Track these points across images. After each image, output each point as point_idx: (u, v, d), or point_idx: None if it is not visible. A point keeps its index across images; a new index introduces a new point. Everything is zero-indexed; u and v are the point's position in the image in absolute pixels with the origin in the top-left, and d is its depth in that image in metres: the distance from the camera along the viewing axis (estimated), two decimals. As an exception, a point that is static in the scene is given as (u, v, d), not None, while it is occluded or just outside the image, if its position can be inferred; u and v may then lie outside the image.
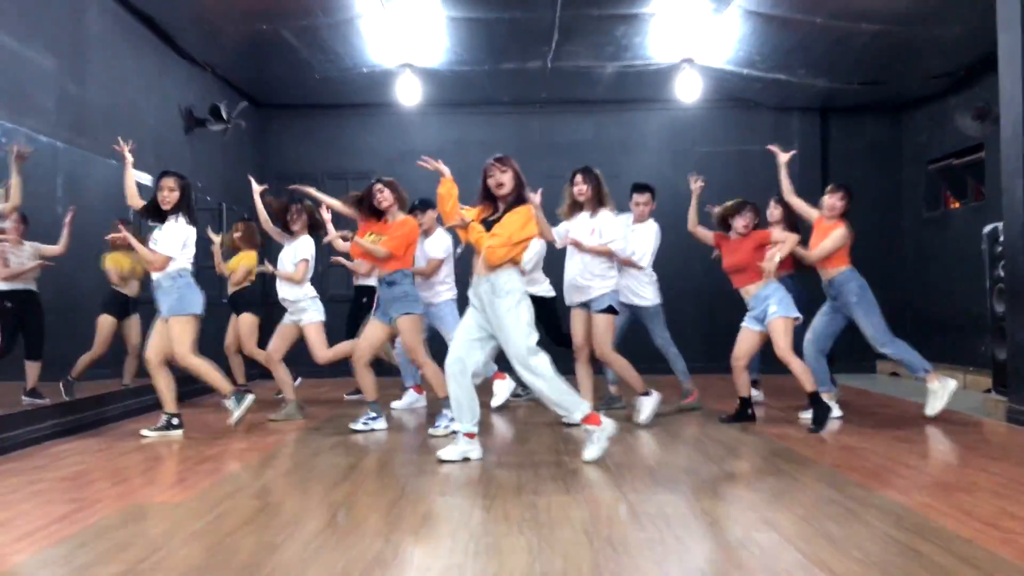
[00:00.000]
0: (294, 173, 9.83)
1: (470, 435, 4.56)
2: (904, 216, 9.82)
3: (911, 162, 9.77)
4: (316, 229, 6.53)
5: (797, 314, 5.66)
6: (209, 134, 8.10)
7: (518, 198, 4.58)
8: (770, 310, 5.67)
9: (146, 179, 6.95)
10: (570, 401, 4.48)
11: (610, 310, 5.71)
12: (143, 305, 6.76)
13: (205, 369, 5.61)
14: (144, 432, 5.49)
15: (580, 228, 5.78)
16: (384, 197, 5.80)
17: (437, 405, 5.64)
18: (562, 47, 7.85)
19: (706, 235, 6.20)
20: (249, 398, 5.65)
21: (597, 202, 5.80)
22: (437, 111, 9.71)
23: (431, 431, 5.48)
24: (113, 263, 6.79)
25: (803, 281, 6.84)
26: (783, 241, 5.75)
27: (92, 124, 6.19)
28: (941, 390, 5.72)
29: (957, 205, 9.21)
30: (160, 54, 7.34)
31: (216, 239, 7.69)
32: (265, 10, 6.92)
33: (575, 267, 5.79)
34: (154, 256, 5.50)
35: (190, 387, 7.24)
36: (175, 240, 5.56)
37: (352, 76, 8.53)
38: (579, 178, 5.91)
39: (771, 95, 9.32)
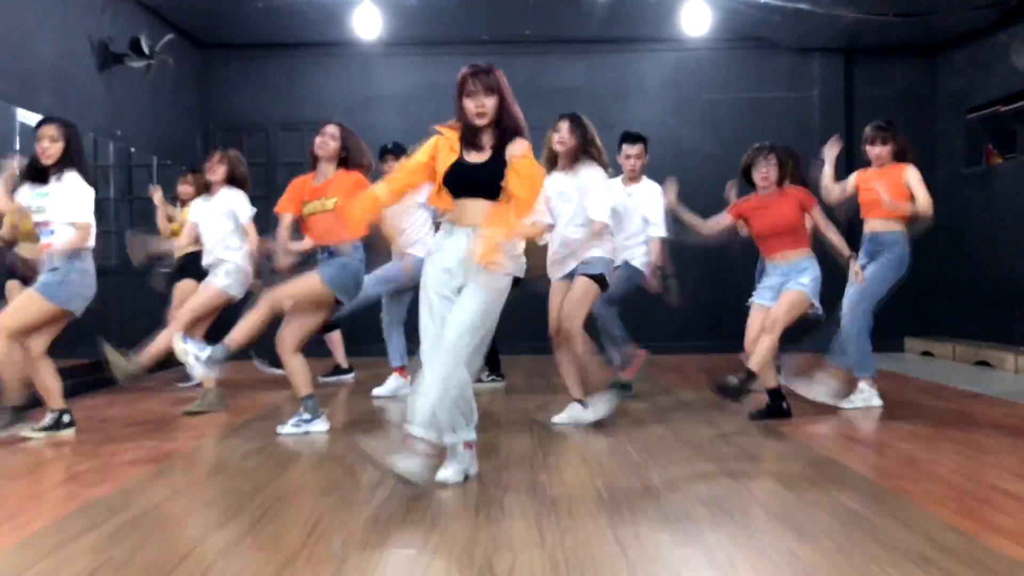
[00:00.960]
0: (241, 124, 8.67)
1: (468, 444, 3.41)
2: (939, 173, 8.60)
3: (948, 110, 8.57)
4: (237, 183, 5.30)
5: (818, 305, 4.64)
6: (134, 74, 6.87)
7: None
8: (801, 279, 4.59)
9: (36, 119, 5.74)
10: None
11: (600, 279, 4.54)
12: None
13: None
14: (27, 433, 4.37)
15: (554, 188, 4.58)
16: (324, 143, 4.58)
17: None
18: (547, -32, 6.62)
19: (722, 221, 5.00)
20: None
21: (578, 156, 4.60)
22: (405, 51, 8.50)
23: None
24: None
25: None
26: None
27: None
28: (869, 399, 5.03)
29: (1001, 160, 8.05)
30: (61, -30, 6.09)
31: (157, 198, 6.59)
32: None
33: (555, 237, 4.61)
34: (77, 232, 4.34)
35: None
36: (86, 200, 4.42)
37: (301, 7, 7.29)
38: (564, 125, 4.68)
39: (789, 32, 8.09)
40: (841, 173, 6.83)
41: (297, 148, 8.61)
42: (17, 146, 5.48)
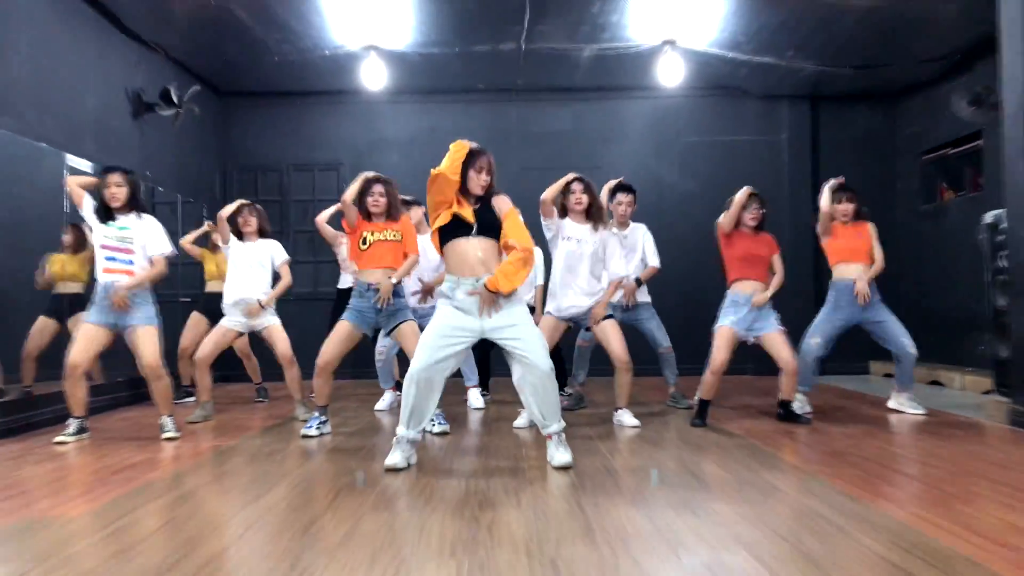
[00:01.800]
0: (257, 164, 9.40)
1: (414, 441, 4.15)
2: (898, 209, 9.38)
3: (905, 152, 9.33)
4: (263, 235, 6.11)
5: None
6: (162, 121, 7.63)
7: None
8: (773, 320, 5.46)
9: (85, 165, 6.48)
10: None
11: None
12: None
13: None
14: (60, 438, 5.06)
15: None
16: (377, 202, 5.30)
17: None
18: (535, 27, 7.38)
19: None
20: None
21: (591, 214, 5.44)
22: (408, 98, 9.26)
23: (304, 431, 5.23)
24: (59, 265, 6.30)
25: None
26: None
27: (17, 104, 5.69)
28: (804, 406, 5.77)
29: (953, 196, 8.78)
30: (102, 32, 6.84)
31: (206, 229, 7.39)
32: (213, -15, 6.47)
33: (582, 279, 5.37)
34: (158, 265, 5.26)
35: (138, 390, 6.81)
36: (161, 234, 5.32)
37: (314, 59, 8.05)
38: (578, 187, 5.44)
39: (758, 82, 8.87)
40: (807, 211, 7.58)
41: (308, 187, 9.40)
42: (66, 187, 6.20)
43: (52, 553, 2.77)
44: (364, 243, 5.23)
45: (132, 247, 5.18)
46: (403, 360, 6.62)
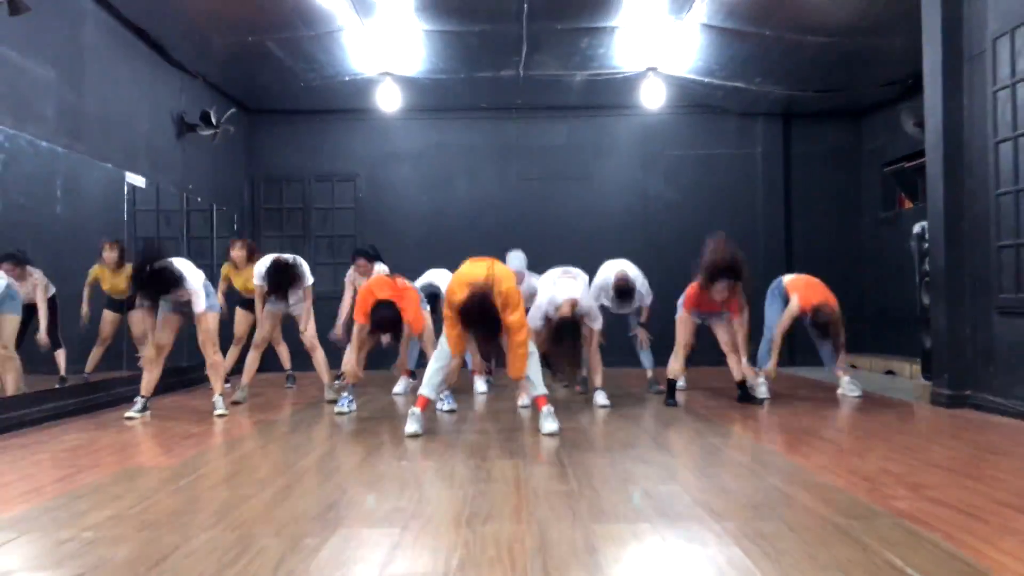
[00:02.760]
0: (281, 176, 10.35)
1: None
2: (863, 216, 10.32)
3: (868, 165, 10.27)
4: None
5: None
6: (199, 139, 8.59)
7: None
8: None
9: (139, 181, 7.45)
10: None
11: None
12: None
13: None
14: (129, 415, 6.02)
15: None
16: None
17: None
18: (532, 57, 8.34)
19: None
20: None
21: None
22: (418, 116, 10.21)
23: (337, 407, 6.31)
24: (102, 278, 6.97)
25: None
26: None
27: (89, 130, 6.67)
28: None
29: (910, 205, 9.71)
30: (153, 64, 7.82)
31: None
32: (251, 22, 7.41)
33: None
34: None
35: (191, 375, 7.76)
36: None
37: (335, 84, 9.02)
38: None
39: (734, 101, 9.81)
40: (780, 220, 8.51)
41: (328, 196, 10.35)
42: (127, 202, 7.19)
43: (152, 492, 3.74)
44: None
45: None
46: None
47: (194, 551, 2.70)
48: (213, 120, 8.42)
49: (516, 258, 7.38)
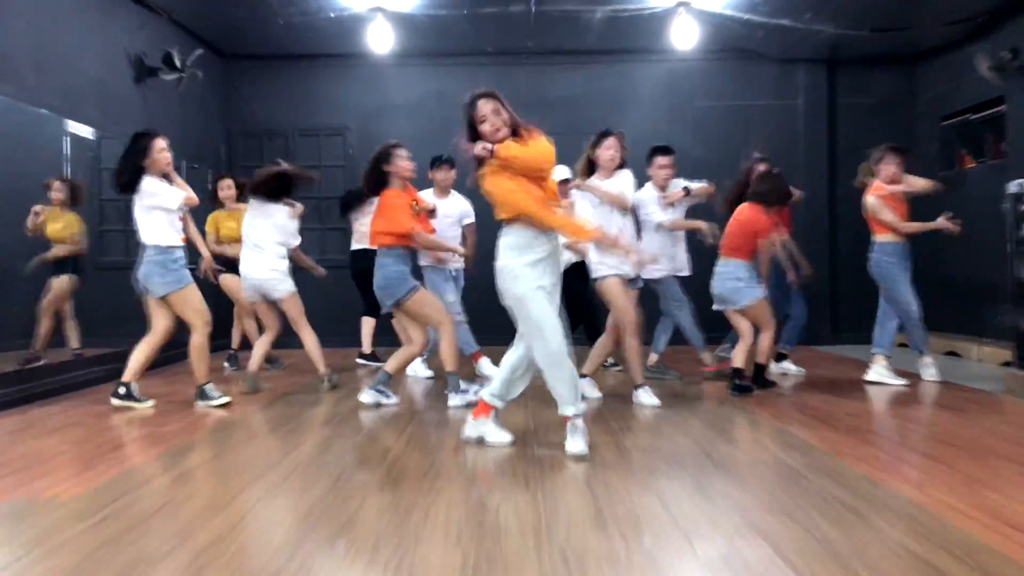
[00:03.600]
0: (262, 129, 9.24)
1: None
2: (917, 175, 9.15)
3: (924, 118, 9.09)
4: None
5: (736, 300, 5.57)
6: (165, 85, 7.46)
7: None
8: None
9: (87, 131, 6.36)
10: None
11: None
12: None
13: None
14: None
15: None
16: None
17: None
18: (546, -13, 7.18)
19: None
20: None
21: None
22: (415, 62, 9.06)
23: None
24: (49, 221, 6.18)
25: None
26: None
27: (15, 68, 5.55)
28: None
29: (973, 164, 8.57)
30: (103, -6, 6.68)
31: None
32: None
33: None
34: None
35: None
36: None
37: (319, 22, 7.86)
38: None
39: (774, 45, 8.63)
40: (823, 179, 7.41)
41: (314, 153, 9.24)
42: (67, 152, 6.10)
43: (31, 545, 2.70)
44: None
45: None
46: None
47: None
48: (178, 63, 7.28)
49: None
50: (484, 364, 6.40)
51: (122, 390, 5.12)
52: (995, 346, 7.06)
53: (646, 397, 5.08)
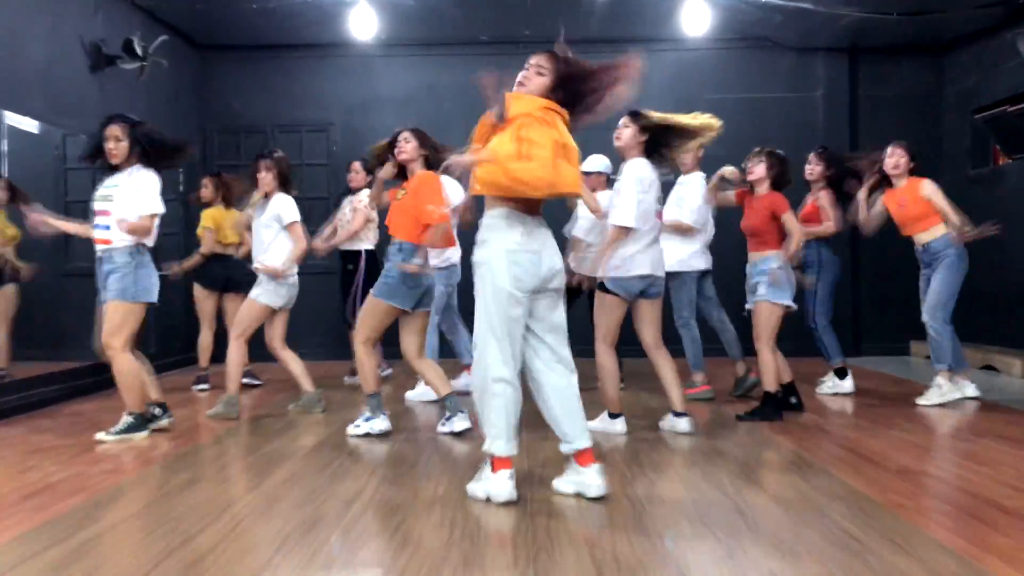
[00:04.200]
0: (239, 125, 8.62)
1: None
2: (946, 173, 8.46)
3: (954, 111, 8.43)
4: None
5: (788, 302, 4.82)
6: (128, 76, 6.80)
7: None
8: (760, 290, 4.84)
9: (31, 125, 5.70)
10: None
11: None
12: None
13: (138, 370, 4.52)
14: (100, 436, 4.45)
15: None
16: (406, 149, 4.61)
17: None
18: (544, -33, 6.53)
19: (727, 198, 5.29)
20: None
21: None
22: (403, 51, 8.42)
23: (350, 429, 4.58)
24: None
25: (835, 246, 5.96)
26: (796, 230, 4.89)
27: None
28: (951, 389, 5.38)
29: (1009, 160, 7.90)
30: (51, -28, 6.02)
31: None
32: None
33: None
34: (137, 222, 4.38)
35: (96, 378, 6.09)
36: (155, 192, 4.49)
37: (296, 7, 7.22)
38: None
39: (792, 32, 7.97)
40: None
41: (295, 149, 8.58)
42: (5, 148, 5.45)
43: None
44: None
45: (110, 208, 4.41)
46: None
47: None
48: (139, 50, 6.62)
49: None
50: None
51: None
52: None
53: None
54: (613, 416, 4.52)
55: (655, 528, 2.89)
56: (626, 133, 4.46)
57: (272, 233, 5.13)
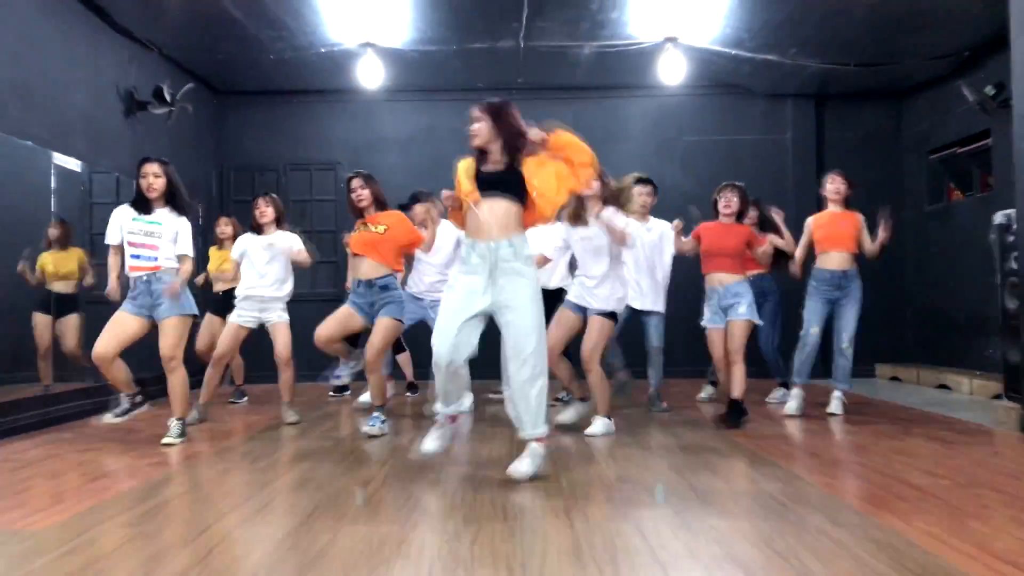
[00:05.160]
0: (254, 164, 9.27)
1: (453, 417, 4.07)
2: (905, 209, 9.18)
3: (912, 152, 9.15)
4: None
5: (759, 320, 5.62)
6: (156, 120, 7.49)
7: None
8: (739, 309, 5.45)
9: (75, 164, 6.36)
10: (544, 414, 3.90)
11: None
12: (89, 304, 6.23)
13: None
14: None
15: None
16: (361, 195, 5.45)
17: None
18: (533, 23, 7.23)
19: (690, 244, 5.81)
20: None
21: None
22: (406, 97, 9.11)
23: (366, 430, 5.24)
24: (52, 263, 6.20)
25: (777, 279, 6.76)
26: (769, 244, 5.87)
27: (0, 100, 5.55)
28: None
29: (961, 197, 8.60)
30: (92, 28, 6.69)
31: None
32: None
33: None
34: (185, 265, 5.09)
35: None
36: (190, 234, 5.19)
37: (310, 57, 7.91)
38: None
39: (762, 80, 8.70)
40: (813, 210, 7.36)
41: (305, 187, 9.27)
42: (52, 186, 6.09)
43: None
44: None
45: (158, 243, 5.00)
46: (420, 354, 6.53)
47: None
48: (168, 96, 7.31)
49: None
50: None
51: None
52: (986, 379, 7.01)
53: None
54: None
55: (623, 500, 3.50)
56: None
57: (283, 266, 5.90)
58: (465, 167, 4.04)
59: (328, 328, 5.26)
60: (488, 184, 3.93)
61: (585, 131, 9.30)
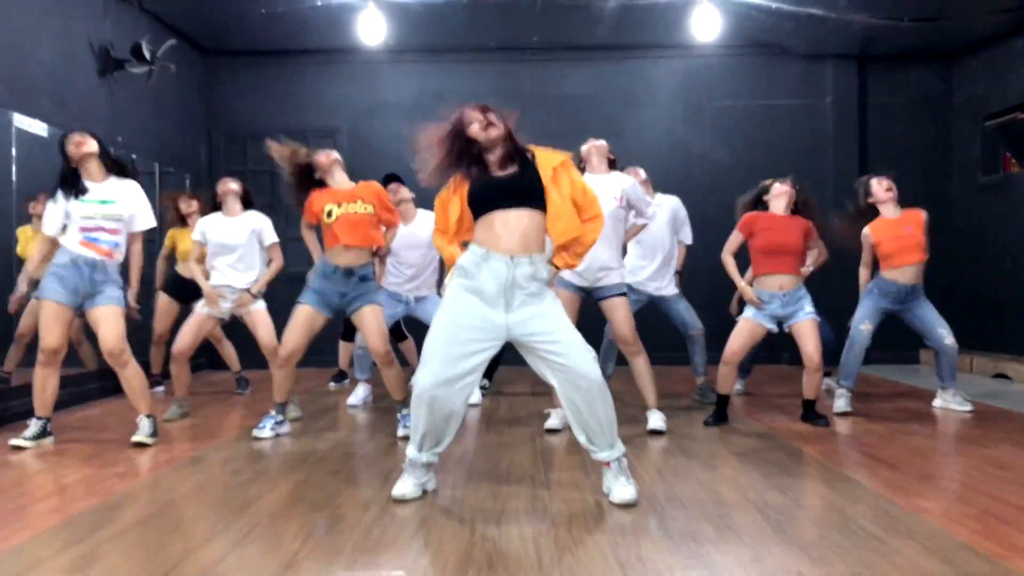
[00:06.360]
0: (246, 131, 8.55)
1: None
2: (955, 181, 8.45)
3: (964, 118, 8.38)
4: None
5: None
6: (136, 81, 6.78)
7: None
8: (807, 308, 4.79)
9: (40, 127, 5.67)
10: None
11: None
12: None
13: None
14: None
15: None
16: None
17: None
18: (553, -28, 6.50)
19: (734, 247, 5.03)
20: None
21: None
22: (411, 57, 8.38)
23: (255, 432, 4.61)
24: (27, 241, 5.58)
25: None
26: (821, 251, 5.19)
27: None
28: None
29: (1020, 168, 7.86)
30: (60, -24, 5.99)
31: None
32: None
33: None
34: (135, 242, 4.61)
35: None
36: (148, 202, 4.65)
37: (304, 12, 7.18)
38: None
39: (801, 38, 7.93)
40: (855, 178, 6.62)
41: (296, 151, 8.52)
42: (13, 152, 5.41)
43: None
44: (329, 216, 4.57)
45: (119, 227, 4.43)
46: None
47: None
48: (147, 54, 6.58)
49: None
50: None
51: None
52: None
53: None
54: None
55: (678, 530, 2.83)
56: None
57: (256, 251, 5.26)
58: (447, 200, 3.34)
59: (294, 338, 4.45)
60: (504, 192, 3.19)
61: (606, 95, 8.71)
